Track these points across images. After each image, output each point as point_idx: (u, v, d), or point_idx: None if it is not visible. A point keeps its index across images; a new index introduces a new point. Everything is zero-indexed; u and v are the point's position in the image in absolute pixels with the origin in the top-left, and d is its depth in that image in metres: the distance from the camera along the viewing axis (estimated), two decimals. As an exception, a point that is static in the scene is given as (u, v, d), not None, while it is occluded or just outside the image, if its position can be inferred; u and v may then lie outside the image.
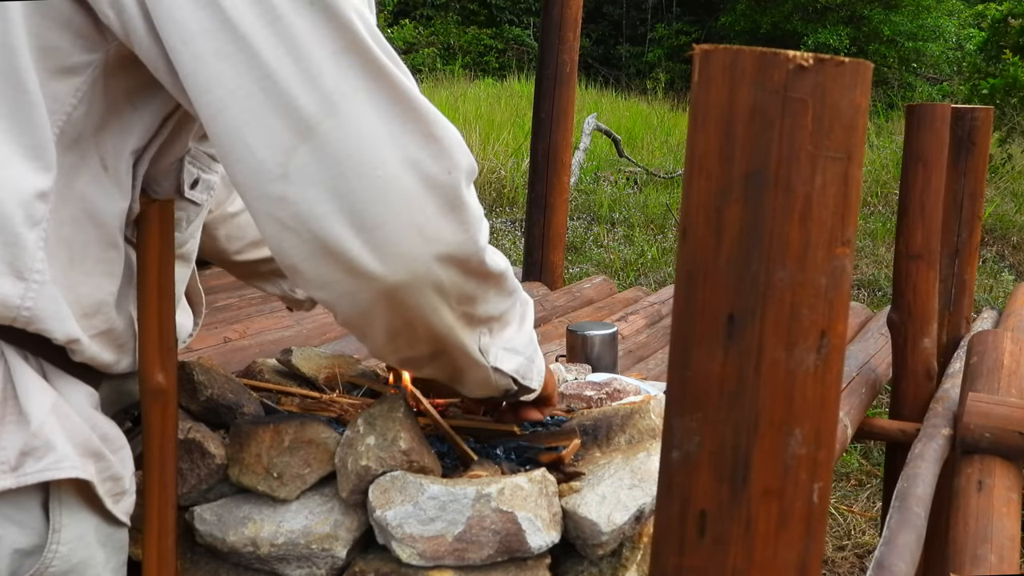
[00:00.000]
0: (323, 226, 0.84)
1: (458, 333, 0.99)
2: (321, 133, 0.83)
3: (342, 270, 0.87)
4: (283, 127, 0.82)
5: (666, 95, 14.83)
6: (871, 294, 6.31)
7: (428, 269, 0.89)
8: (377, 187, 0.84)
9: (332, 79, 0.83)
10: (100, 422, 0.96)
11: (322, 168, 0.83)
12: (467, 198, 0.91)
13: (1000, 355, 2.41)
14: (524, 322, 1.12)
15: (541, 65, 3.64)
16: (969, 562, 1.66)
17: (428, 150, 0.87)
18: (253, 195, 0.85)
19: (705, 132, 0.59)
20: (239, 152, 0.84)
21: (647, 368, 2.72)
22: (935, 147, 2.46)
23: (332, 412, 1.32)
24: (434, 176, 0.87)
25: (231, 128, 0.83)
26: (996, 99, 8.35)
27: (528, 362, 1.12)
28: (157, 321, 1.02)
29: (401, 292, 0.89)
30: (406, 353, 1.01)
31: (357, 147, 0.84)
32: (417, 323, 0.95)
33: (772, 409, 0.60)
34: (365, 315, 0.92)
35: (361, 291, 0.89)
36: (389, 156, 0.85)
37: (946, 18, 15.11)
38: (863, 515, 3.71)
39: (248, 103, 0.82)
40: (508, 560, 1.09)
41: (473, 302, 0.99)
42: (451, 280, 0.92)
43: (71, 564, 0.91)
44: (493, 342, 1.06)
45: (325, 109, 0.83)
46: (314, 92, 0.83)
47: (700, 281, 0.60)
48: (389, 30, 16.00)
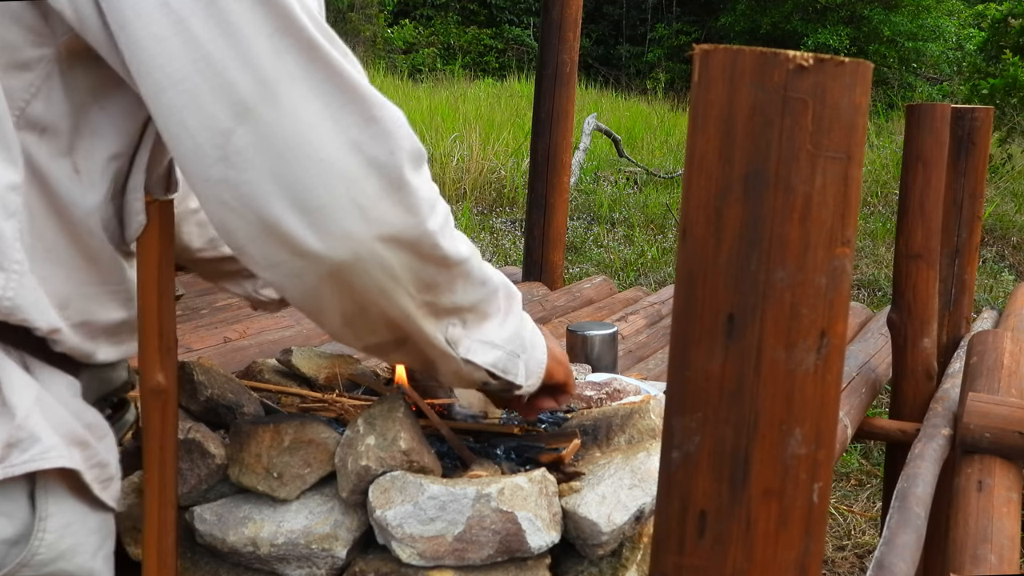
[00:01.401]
0: (264, 207, 0.85)
1: (419, 322, 0.99)
2: (258, 115, 0.83)
3: (287, 251, 0.87)
4: (220, 110, 0.83)
5: (666, 95, 14.84)
6: (871, 294, 6.31)
7: (372, 250, 0.89)
8: (316, 168, 0.85)
9: (268, 61, 0.83)
10: (83, 411, 0.97)
11: (260, 150, 0.84)
12: (411, 179, 0.91)
13: (1000, 355, 2.41)
14: (509, 316, 1.11)
15: (541, 65, 3.64)
16: (969, 562, 1.66)
17: (368, 131, 0.87)
18: (196, 178, 0.86)
19: (705, 132, 0.59)
20: (179, 135, 0.84)
21: (647, 368, 2.72)
22: (935, 147, 2.46)
23: (332, 412, 1.32)
24: (375, 157, 0.87)
25: (170, 111, 0.83)
26: (996, 99, 8.35)
27: (510, 356, 1.11)
28: (157, 321, 1.02)
29: (345, 273, 0.90)
30: (368, 339, 1.01)
31: (295, 128, 0.84)
32: (370, 308, 0.95)
33: (772, 409, 0.60)
34: (314, 297, 0.92)
35: (307, 272, 0.89)
36: (328, 137, 0.85)
37: (946, 18, 15.12)
38: (863, 515, 3.71)
39: (185, 85, 0.83)
40: (508, 560, 1.09)
41: (435, 290, 0.98)
42: (402, 264, 0.92)
43: (58, 551, 0.92)
44: (467, 334, 1.05)
45: (261, 91, 0.83)
46: (250, 74, 0.83)
47: (700, 281, 0.60)
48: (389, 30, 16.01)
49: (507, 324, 1.10)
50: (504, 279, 1.11)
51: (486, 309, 1.07)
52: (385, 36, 15.76)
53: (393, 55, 15.59)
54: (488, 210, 7.80)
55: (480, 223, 7.25)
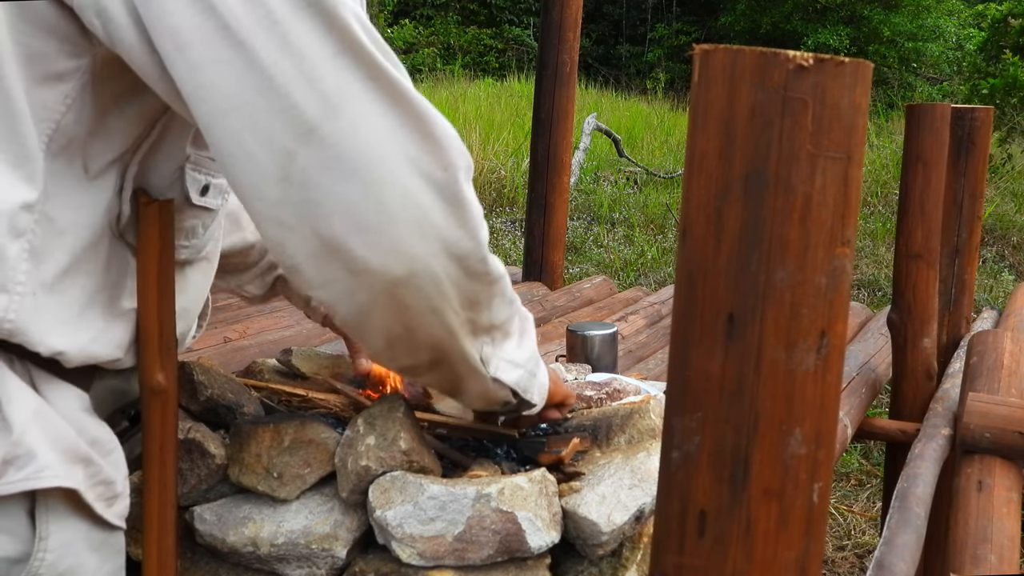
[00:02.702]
0: (324, 226, 0.85)
1: (461, 340, 0.99)
2: (321, 136, 0.83)
3: (342, 268, 0.87)
4: (283, 131, 0.82)
5: (666, 95, 14.84)
6: (871, 294, 6.31)
7: (427, 265, 0.89)
8: (377, 186, 0.85)
9: (331, 81, 0.83)
10: (89, 426, 0.95)
11: (323, 170, 0.83)
12: (466, 194, 0.91)
13: (1000, 355, 2.41)
14: (524, 336, 1.11)
15: (541, 65, 3.64)
16: (969, 562, 1.66)
17: (425, 148, 0.87)
18: (253, 197, 0.85)
19: (705, 132, 0.59)
20: (239, 157, 0.84)
21: (647, 368, 2.72)
22: (935, 147, 2.46)
23: (328, 406, 1.32)
24: (431, 173, 0.88)
25: (231, 134, 0.83)
26: (996, 99, 8.35)
27: (529, 376, 1.12)
28: (157, 321, 1.02)
29: (400, 290, 0.89)
30: (405, 361, 1.01)
31: (357, 148, 0.84)
32: (417, 327, 0.94)
33: (772, 409, 0.60)
34: (364, 315, 0.92)
35: (361, 289, 0.89)
36: (388, 155, 0.85)
37: (946, 18, 15.12)
38: (863, 515, 3.71)
39: (248, 109, 0.82)
40: (508, 560, 1.09)
41: (477, 307, 0.98)
42: (452, 279, 0.92)
43: (59, 571, 0.91)
44: (495, 352, 1.05)
45: (325, 112, 0.83)
46: (314, 95, 0.82)
47: (700, 281, 0.60)
48: (389, 30, 16.00)
49: (524, 343, 1.11)
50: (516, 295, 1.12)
51: (510, 328, 1.07)
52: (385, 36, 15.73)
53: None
54: (488, 210, 7.80)
55: (480, 223, 7.24)
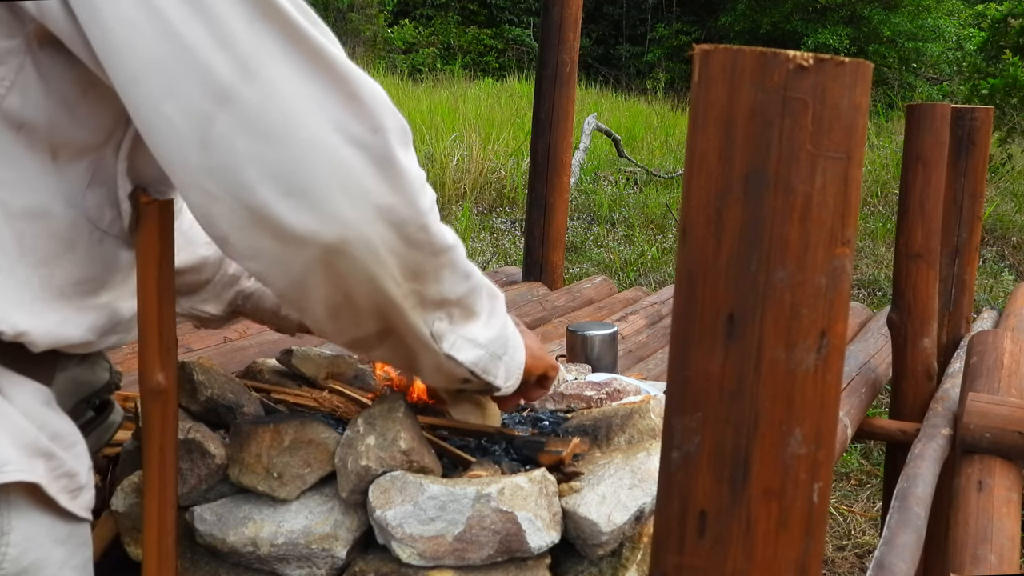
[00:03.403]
0: (249, 193, 0.83)
1: (407, 313, 0.97)
2: (239, 99, 0.81)
3: (271, 236, 0.85)
4: (199, 95, 0.81)
5: (666, 95, 14.84)
6: (871, 294, 6.31)
7: (360, 232, 0.87)
8: (300, 150, 0.83)
9: (247, 43, 0.81)
10: (51, 420, 0.95)
11: (243, 134, 0.82)
12: (399, 158, 0.89)
13: (1000, 355, 2.41)
14: (493, 317, 1.10)
15: (541, 65, 3.64)
16: (969, 562, 1.66)
17: (350, 110, 0.85)
18: (175, 166, 0.84)
19: (705, 132, 0.59)
20: (157, 123, 0.82)
21: (647, 368, 2.72)
22: (935, 147, 2.46)
23: (328, 406, 1.32)
24: (359, 137, 0.85)
25: (147, 98, 0.82)
26: (996, 99, 8.35)
27: (491, 357, 1.10)
28: (157, 321, 1.02)
29: (334, 258, 0.87)
30: (352, 333, 0.99)
31: (277, 111, 0.82)
32: (357, 295, 0.92)
33: (772, 409, 0.60)
34: (300, 286, 0.90)
35: (293, 258, 0.87)
36: (311, 118, 0.83)
37: (946, 18, 15.12)
38: (863, 515, 3.71)
39: (162, 73, 0.81)
40: (508, 560, 1.09)
41: (423, 279, 0.96)
42: (388, 247, 0.90)
43: (22, 566, 0.90)
44: (453, 329, 1.03)
45: (241, 74, 0.81)
46: (229, 57, 0.81)
47: (700, 281, 0.60)
48: (389, 30, 16.00)
49: (491, 324, 1.09)
50: (486, 279, 1.09)
51: (472, 306, 1.05)
52: (385, 36, 15.76)
53: (393, 55, 15.59)
54: (488, 210, 7.80)
55: (480, 223, 7.25)
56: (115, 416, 1.16)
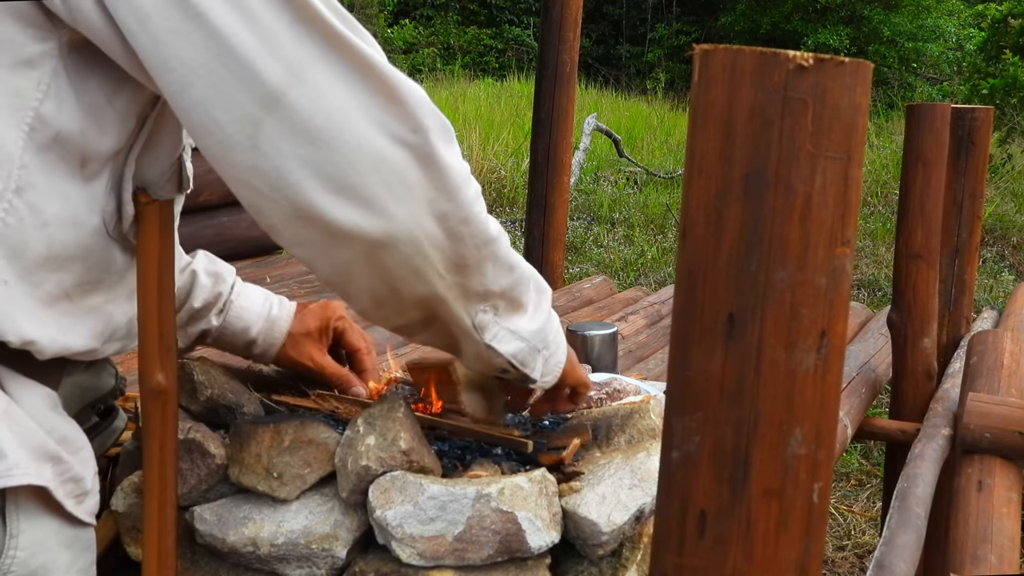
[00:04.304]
0: (296, 192, 0.86)
1: (450, 304, 0.99)
2: (287, 103, 0.84)
3: (318, 231, 0.89)
4: (248, 100, 0.84)
5: (666, 95, 14.84)
6: (871, 294, 6.31)
7: (405, 228, 0.90)
8: (346, 150, 0.86)
9: (292, 49, 0.85)
10: (58, 424, 0.95)
11: (291, 137, 0.85)
12: (441, 154, 0.92)
13: (1000, 355, 2.41)
14: (539, 311, 1.11)
15: (541, 65, 3.64)
16: (969, 562, 1.66)
17: (392, 111, 0.88)
18: (225, 165, 0.87)
19: (705, 132, 0.59)
20: (207, 127, 0.85)
21: (647, 368, 2.72)
22: (935, 147, 2.46)
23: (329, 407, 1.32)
24: (401, 136, 0.89)
25: (196, 104, 0.85)
26: (996, 99, 8.35)
27: (532, 351, 1.11)
28: (157, 321, 1.02)
29: (379, 251, 0.91)
30: (396, 320, 1.02)
31: (323, 114, 0.85)
32: (402, 288, 0.95)
33: (772, 409, 0.60)
34: (345, 275, 0.94)
35: (339, 251, 0.90)
36: (355, 120, 0.87)
37: (946, 18, 15.12)
38: (863, 515, 3.71)
39: (211, 79, 0.83)
40: (508, 560, 1.09)
41: (466, 271, 0.98)
42: (432, 241, 0.93)
43: (30, 569, 0.90)
44: (497, 321, 1.05)
45: (288, 79, 0.84)
46: (276, 63, 0.84)
47: (700, 281, 0.60)
48: (389, 30, 16.00)
49: (536, 318, 1.11)
50: (535, 272, 1.11)
51: (518, 297, 1.07)
52: (385, 36, 15.76)
53: (393, 55, 15.59)
54: (488, 210, 7.78)
55: (480, 223, 7.24)
56: (119, 422, 1.16)
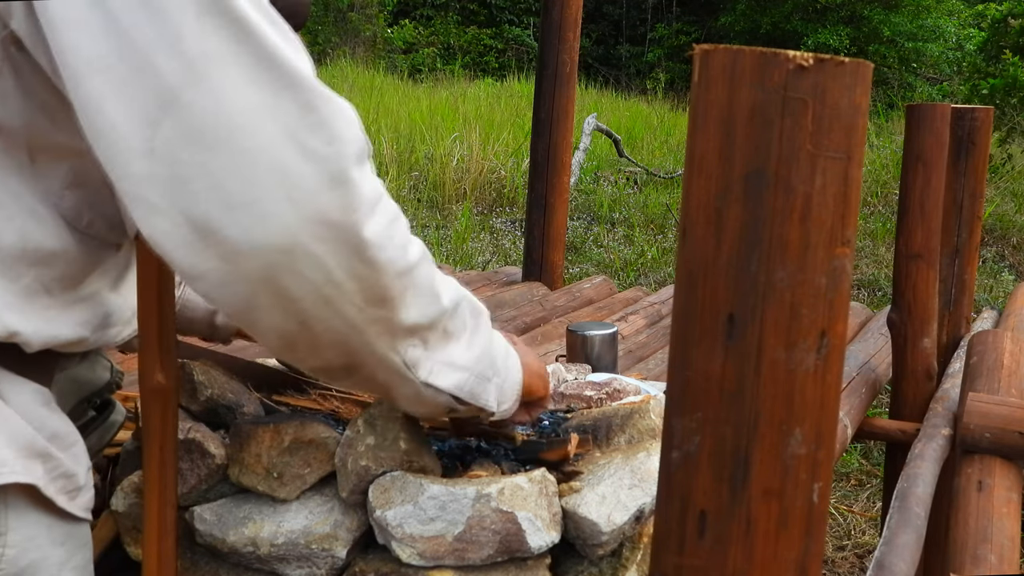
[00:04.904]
0: (192, 204, 0.77)
1: (373, 342, 0.90)
2: (184, 103, 0.76)
3: (215, 255, 0.79)
4: (145, 98, 0.76)
5: (666, 95, 14.84)
6: (871, 294, 6.31)
7: (306, 248, 0.80)
8: (248, 160, 0.77)
9: (194, 44, 0.76)
10: (48, 420, 0.94)
11: (189, 142, 0.76)
12: (353, 174, 0.82)
13: (1000, 355, 2.41)
14: (476, 335, 1.02)
15: (541, 65, 3.64)
16: (969, 562, 1.66)
17: (305, 120, 0.79)
18: (119, 174, 0.79)
19: (705, 132, 0.59)
20: (102, 128, 0.78)
21: (647, 368, 2.72)
22: (935, 147, 2.46)
23: (330, 406, 1.32)
24: (312, 149, 0.79)
25: (92, 100, 0.77)
26: (996, 99, 8.36)
27: (479, 379, 1.02)
28: (157, 321, 1.02)
29: (280, 276, 0.81)
30: (312, 362, 0.93)
31: (224, 117, 0.77)
32: (314, 323, 0.86)
33: (772, 409, 0.60)
34: (249, 308, 0.84)
35: (237, 278, 0.81)
36: (259, 125, 0.78)
37: (946, 18, 15.13)
38: (863, 515, 3.71)
39: (108, 74, 0.76)
40: (508, 560, 1.09)
41: (389, 304, 0.89)
42: (344, 268, 0.83)
43: (20, 567, 0.90)
44: (429, 355, 0.96)
45: (187, 77, 0.76)
46: (175, 59, 0.76)
47: (700, 281, 0.60)
48: (389, 30, 16.01)
49: (474, 344, 1.02)
50: (468, 294, 1.02)
51: (448, 327, 0.97)
52: (385, 36, 15.77)
53: (393, 55, 15.60)
54: (488, 210, 7.80)
55: (480, 223, 7.25)
56: (116, 415, 1.15)
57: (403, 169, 8.19)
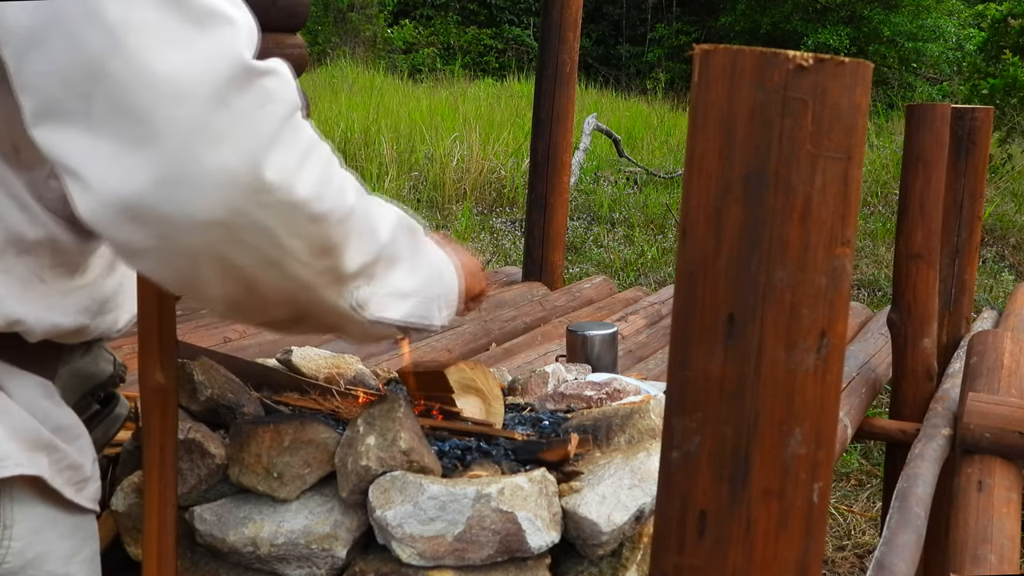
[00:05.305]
0: (125, 181, 0.75)
1: (321, 292, 0.89)
2: (109, 73, 0.73)
3: (152, 234, 0.77)
4: (77, 73, 0.73)
5: (666, 95, 14.84)
6: (871, 294, 6.31)
7: (249, 216, 0.78)
8: (180, 129, 0.74)
9: (114, 9, 0.73)
10: (53, 413, 0.95)
11: (117, 115, 0.74)
12: (287, 134, 0.80)
13: (1000, 355, 2.41)
14: (417, 256, 0.99)
15: (541, 65, 3.64)
16: (969, 562, 1.66)
17: (236, 83, 0.76)
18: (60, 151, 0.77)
19: (705, 132, 0.59)
20: (41, 106, 0.76)
21: (647, 368, 2.72)
22: (935, 147, 2.46)
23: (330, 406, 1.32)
24: (244, 110, 0.76)
25: (31, 80, 0.75)
26: (996, 99, 8.35)
27: (426, 301, 1.00)
28: (157, 321, 1.02)
29: (224, 248, 0.79)
30: (260, 318, 0.92)
31: (148, 86, 0.73)
32: (262, 285, 0.84)
33: (772, 409, 0.60)
34: (192, 282, 0.82)
35: (177, 254, 0.78)
36: (189, 91, 0.74)
37: (946, 18, 15.12)
38: (863, 515, 3.71)
39: (43, 50, 0.74)
40: (508, 560, 1.09)
41: (334, 252, 0.87)
42: (287, 226, 0.81)
43: (26, 559, 0.90)
44: (375, 290, 0.94)
45: (108, 45, 0.73)
46: (97, 28, 0.73)
47: (700, 281, 0.60)
48: (389, 30, 16.01)
49: (418, 266, 0.99)
50: (400, 213, 0.99)
51: (392, 255, 0.95)
52: (385, 36, 15.77)
53: (393, 55, 15.60)
54: (488, 210, 7.80)
55: (480, 223, 7.25)
56: (121, 408, 1.15)
57: (403, 169, 8.19)
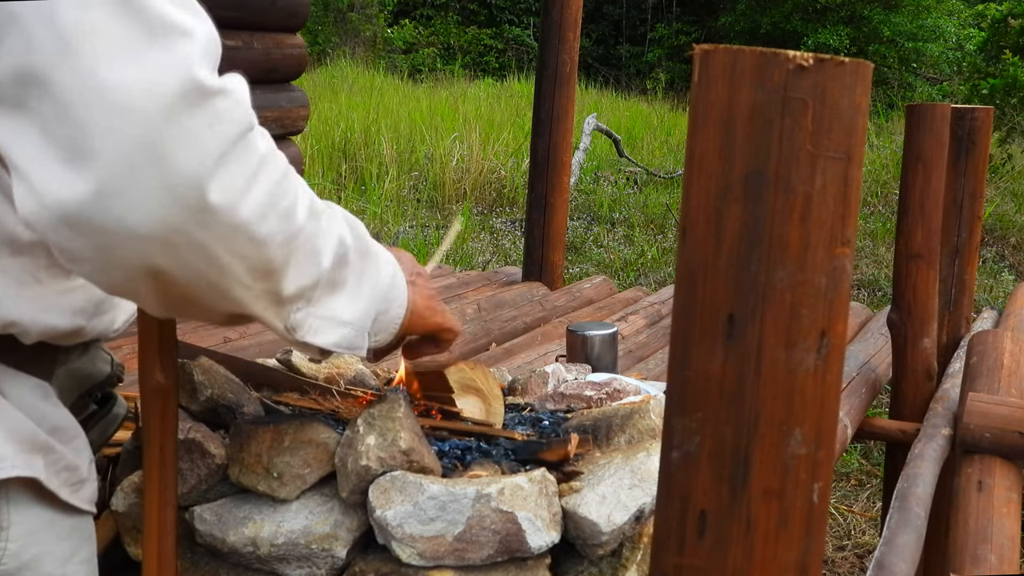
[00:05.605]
0: (67, 188, 0.73)
1: (258, 311, 0.88)
2: (58, 79, 0.71)
3: (89, 244, 0.75)
4: (29, 73, 0.72)
5: (666, 95, 14.84)
6: (871, 294, 6.31)
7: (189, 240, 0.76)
8: (123, 144, 0.72)
9: (68, 14, 0.71)
10: (49, 414, 0.94)
11: (65, 120, 0.72)
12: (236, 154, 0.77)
13: (1000, 355, 2.41)
14: (363, 279, 0.97)
15: (541, 65, 3.64)
16: (969, 562, 1.66)
17: (187, 97, 0.74)
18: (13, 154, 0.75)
19: (705, 132, 0.59)
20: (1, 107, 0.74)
21: (647, 368, 2.72)
22: (935, 147, 2.46)
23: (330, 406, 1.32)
24: (191, 128, 0.74)
25: None
26: (996, 99, 8.36)
27: (358, 333, 0.98)
28: (157, 321, 1.02)
29: (160, 266, 0.77)
30: (197, 320, 0.92)
31: (97, 93, 0.71)
32: (200, 301, 0.83)
33: (772, 409, 0.60)
34: (129, 292, 0.82)
35: (114, 266, 0.77)
36: (134, 103, 0.72)
37: (946, 18, 15.13)
38: (863, 515, 3.71)
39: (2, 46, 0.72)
40: (508, 560, 1.09)
41: (275, 276, 0.85)
42: (228, 249, 0.79)
43: (22, 561, 0.90)
44: (311, 312, 0.92)
45: (57, 50, 0.71)
46: (50, 33, 0.71)
47: (700, 281, 0.60)
48: (389, 30, 16.02)
49: (360, 294, 0.97)
50: (358, 231, 0.97)
51: (334, 280, 0.93)
52: (385, 36, 15.77)
53: (393, 55, 15.60)
54: (488, 210, 7.80)
55: (480, 223, 7.26)
56: (119, 409, 1.15)
57: (403, 169, 8.19)
